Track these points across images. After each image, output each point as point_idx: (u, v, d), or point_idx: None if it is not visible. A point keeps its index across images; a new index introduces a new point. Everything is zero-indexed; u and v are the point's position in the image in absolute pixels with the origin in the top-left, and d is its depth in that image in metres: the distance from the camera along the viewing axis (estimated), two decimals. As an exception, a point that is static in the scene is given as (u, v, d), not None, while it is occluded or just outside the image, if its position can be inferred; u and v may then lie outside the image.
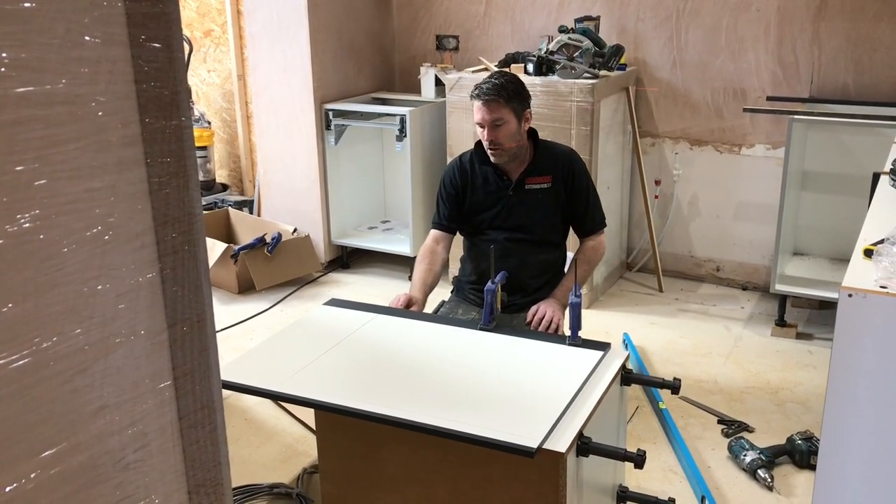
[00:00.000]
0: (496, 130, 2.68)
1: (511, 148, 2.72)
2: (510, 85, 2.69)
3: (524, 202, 2.80)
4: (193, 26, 5.32)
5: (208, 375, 0.88)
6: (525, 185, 2.80)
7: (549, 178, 2.80)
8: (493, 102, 2.66)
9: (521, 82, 2.77)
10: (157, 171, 0.78)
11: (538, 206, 2.80)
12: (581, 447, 1.94)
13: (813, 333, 3.82)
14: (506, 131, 2.68)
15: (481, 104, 2.68)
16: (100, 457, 0.77)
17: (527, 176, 2.80)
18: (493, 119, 2.67)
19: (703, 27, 4.14)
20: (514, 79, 2.76)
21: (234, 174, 5.56)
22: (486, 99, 2.66)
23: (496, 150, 2.72)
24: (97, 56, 0.71)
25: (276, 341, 2.47)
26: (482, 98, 2.67)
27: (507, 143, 2.70)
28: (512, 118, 2.68)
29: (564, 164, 2.80)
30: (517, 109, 2.69)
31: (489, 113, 2.67)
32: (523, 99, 2.72)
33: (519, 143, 2.74)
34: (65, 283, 0.71)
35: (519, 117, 2.70)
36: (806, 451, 2.74)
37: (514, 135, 2.70)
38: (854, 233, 1.93)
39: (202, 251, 0.85)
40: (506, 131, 2.68)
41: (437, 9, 4.78)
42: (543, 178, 2.80)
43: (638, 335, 3.78)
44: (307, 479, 2.74)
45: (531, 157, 2.81)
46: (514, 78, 2.77)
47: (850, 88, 3.90)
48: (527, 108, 2.74)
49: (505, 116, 2.67)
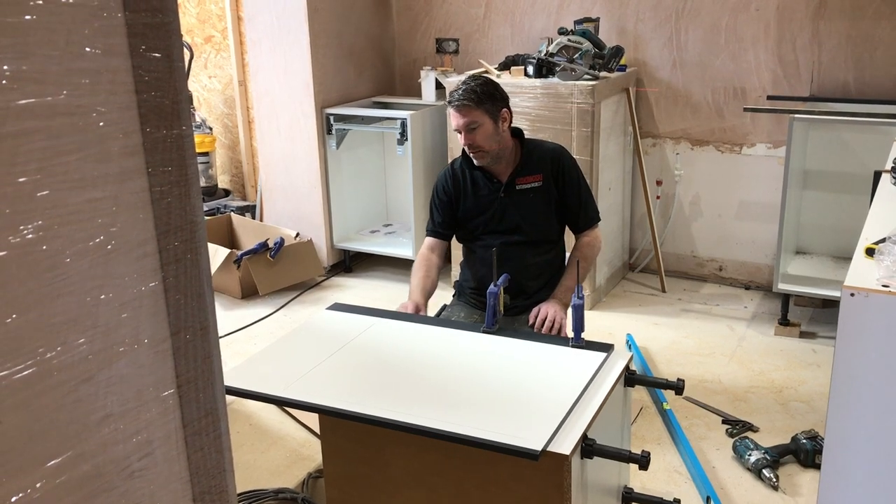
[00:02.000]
0: (472, 134, 2.70)
1: (492, 149, 2.74)
2: (480, 88, 2.71)
3: (516, 203, 2.81)
4: (194, 32, 5.33)
5: (212, 383, 0.88)
6: (515, 185, 2.81)
7: (539, 177, 2.80)
8: (465, 107, 2.68)
9: (494, 83, 2.79)
10: (158, 180, 0.78)
11: (531, 206, 2.81)
12: (585, 449, 1.94)
13: (816, 332, 3.81)
14: (482, 133, 2.70)
15: (453, 110, 2.72)
16: (105, 465, 0.77)
17: (516, 176, 2.81)
18: (467, 123, 2.69)
19: (703, 27, 4.14)
20: (486, 81, 2.78)
21: (236, 179, 5.57)
22: (458, 105, 2.69)
23: (477, 153, 2.74)
24: (98, 67, 0.71)
25: (279, 346, 2.48)
26: (453, 104, 2.71)
27: (487, 145, 2.72)
28: (486, 120, 2.70)
29: (553, 160, 2.81)
30: (490, 111, 2.70)
31: (462, 117, 2.70)
32: (497, 99, 2.73)
33: (501, 145, 2.76)
34: (68, 293, 0.72)
35: (494, 118, 2.71)
36: (811, 450, 2.74)
37: (492, 136, 2.72)
38: (856, 231, 1.93)
39: (204, 259, 0.85)
40: (482, 133, 2.70)
41: (437, 12, 4.78)
42: (533, 178, 2.81)
43: (641, 336, 3.78)
44: (312, 484, 2.75)
45: (519, 156, 2.82)
46: (486, 80, 2.79)
47: (851, 87, 3.90)
48: (502, 107, 2.74)
49: (478, 119, 2.68)
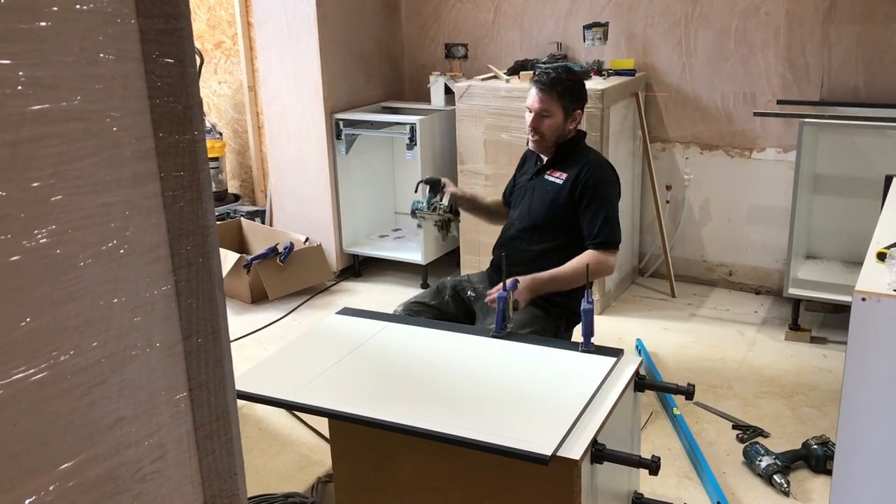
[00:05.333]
0: (541, 120, 2.77)
1: (551, 140, 2.81)
2: (568, 81, 2.77)
3: (536, 188, 2.89)
4: (204, 38, 5.36)
5: (223, 386, 0.89)
6: (545, 174, 2.88)
7: (564, 175, 2.84)
8: (547, 92, 2.74)
9: (581, 82, 2.84)
10: (170, 184, 0.79)
11: (545, 196, 2.85)
12: (595, 454, 1.94)
13: (827, 337, 3.79)
14: (550, 124, 2.76)
15: (536, 91, 2.77)
16: (117, 468, 0.78)
17: (549, 167, 2.88)
18: (541, 108, 2.76)
19: (712, 31, 4.14)
20: (576, 77, 2.82)
21: (245, 184, 5.58)
22: (541, 87, 2.75)
23: (537, 137, 2.82)
24: (111, 72, 0.72)
25: (289, 351, 2.48)
26: (539, 85, 2.76)
27: (548, 134, 2.79)
28: (559, 113, 2.76)
29: (582, 167, 2.83)
30: (567, 107, 2.77)
31: (539, 102, 2.76)
32: (577, 98, 2.79)
33: (560, 139, 2.82)
34: (81, 296, 0.72)
35: (567, 114, 2.78)
36: (822, 455, 2.72)
37: (557, 129, 2.78)
38: (867, 235, 1.92)
39: (216, 263, 0.85)
40: (550, 124, 2.76)
41: (446, 17, 4.79)
42: (560, 174, 2.85)
43: (651, 341, 3.77)
44: (322, 489, 2.75)
45: (560, 149, 2.87)
46: (576, 76, 2.83)
47: (861, 90, 3.89)
48: (578, 108, 2.80)
49: (553, 110, 2.74)
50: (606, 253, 2.77)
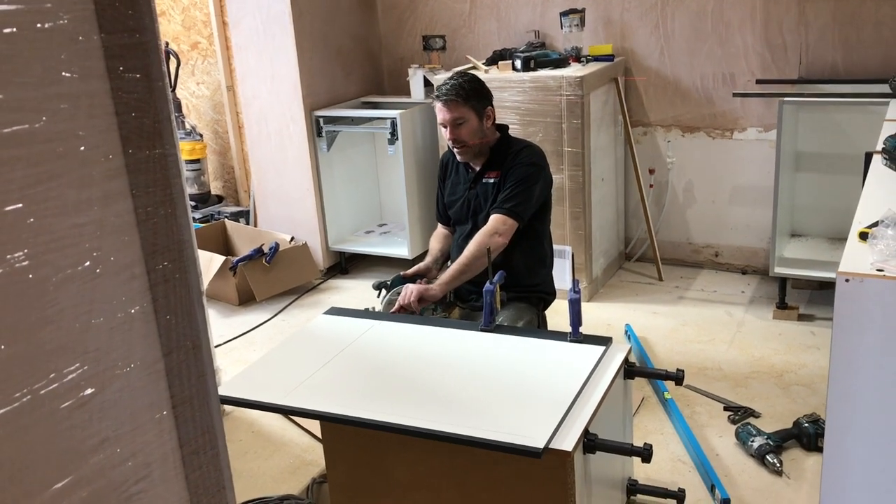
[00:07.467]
0: (458, 129, 2.78)
1: (475, 145, 2.82)
2: (468, 84, 2.80)
3: (479, 196, 2.89)
4: (180, 39, 5.31)
5: (207, 401, 0.88)
6: (482, 178, 2.89)
7: (497, 173, 2.86)
8: (452, 102, 2.76)
9: (480, 81, 2.87)
10: (143, 201, 0.78)
11: (488, 199, 2.86)
12: (587, 444, 1.94)
13: (814, 314, 3.82)
14: (467, 129, 2.78)
15: (441, 104, 2.79)
16: (103, 490, 0.77)
17: (485, 170, 2.89)
18: (453, 118, 2.78)
19: (689, 13, 4.14)
20: (473, 78, 2.87)
21: (228, 185, 5.55)
22: (445, 99, 2.78)
23: (460, 148, 2.83)
24: (76, 91, 0.71)
25: (277, 353, 2.47)
26: (441, 99, 2.79)
27: (470, 141, 2.80)
28: (472, 116, 2.78)
29: (511, 157, 2.84)
30: (476, 107, 2.79)
31: (449, 112, 2.78)
32: (483, 97, 2.83)
33: (483, 140, 2.83)
34: (58, 320, 0.71)
35: (479, 115, 2.80)
36: (813, 434, 2.74)
37: (476, 132, 2.80)
38: (850, 211, 1.93)
39: (193, 277, 0.84)
40: (467, 129, 2.78)
41: (423, 9, 4.77)
42: (495, 173, 2.87)
43: (640, 325, 3.78)
44: (317, 490, 2.74)
45: (491, 151, 2.88)
46: (473, 77, 2.87)
47: (839, 67, 3.90)
48: (487, 105, 2.84)
49: (465, 115, 2.77)
50: (508, 219, 2.74)
